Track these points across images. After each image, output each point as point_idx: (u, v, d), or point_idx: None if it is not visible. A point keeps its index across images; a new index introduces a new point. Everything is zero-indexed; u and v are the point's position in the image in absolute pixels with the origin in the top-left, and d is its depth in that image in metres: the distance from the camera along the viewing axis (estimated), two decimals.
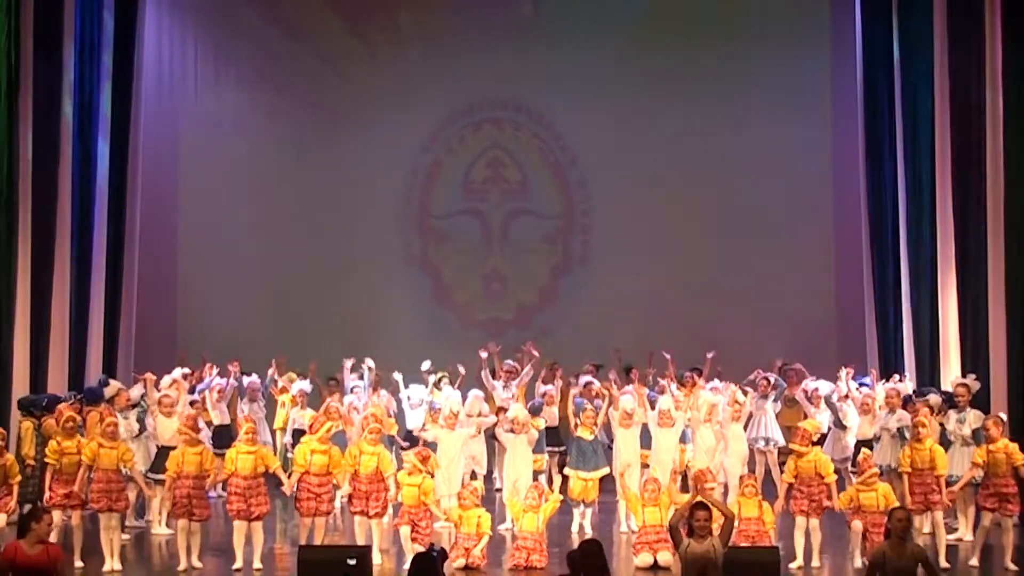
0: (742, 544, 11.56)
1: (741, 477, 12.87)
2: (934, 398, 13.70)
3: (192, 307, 19.63)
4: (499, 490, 13.10)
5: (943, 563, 11.85)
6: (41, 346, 14.88)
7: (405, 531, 12.24)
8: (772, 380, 15.42)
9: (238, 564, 12.01)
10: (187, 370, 15.92)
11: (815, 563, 12.14)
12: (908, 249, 16.76)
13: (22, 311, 14.31)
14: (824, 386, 15.39)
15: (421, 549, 11.38)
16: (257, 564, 12.05)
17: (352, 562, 9.62)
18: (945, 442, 13.08)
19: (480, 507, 12.31)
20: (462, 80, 19.92)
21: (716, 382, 14.86)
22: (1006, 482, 12.03)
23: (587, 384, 15.54)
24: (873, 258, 17.98)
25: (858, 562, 11.89)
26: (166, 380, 15.13)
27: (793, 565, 12.01)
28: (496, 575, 12.12)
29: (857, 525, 11.93)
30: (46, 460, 12.26)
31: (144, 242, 18.51)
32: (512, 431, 13.72)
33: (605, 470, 13.77)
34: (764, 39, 19.46)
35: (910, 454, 12.28)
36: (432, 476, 12.62)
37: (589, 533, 13.49)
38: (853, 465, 13.35)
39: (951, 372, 15.28)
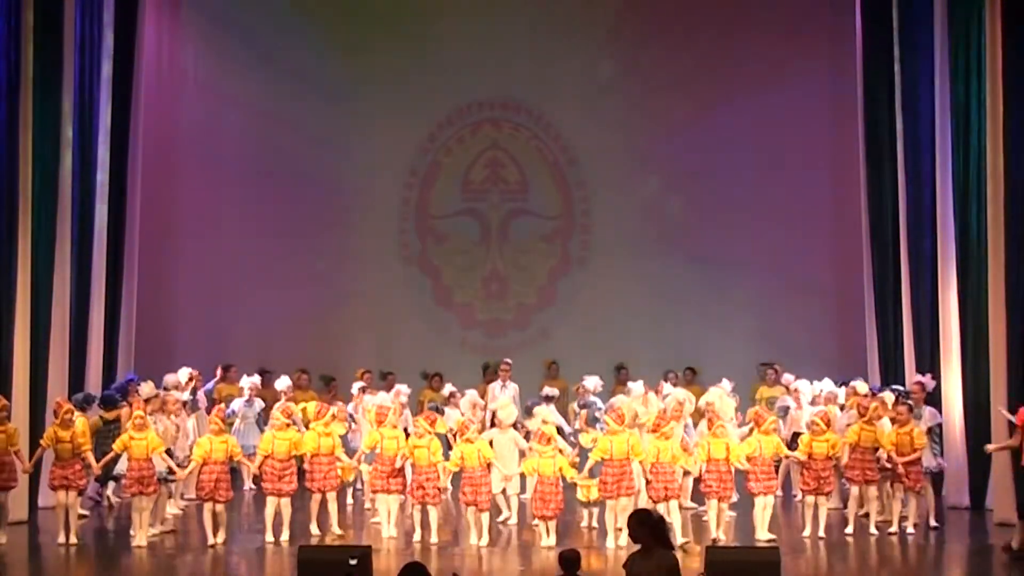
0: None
1: (709, 419, 13.80)
2: (888, 395, 14.42)
3: (192, 307, 19.63)
4: None
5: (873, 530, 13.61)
6: (41, 346, 14.85)
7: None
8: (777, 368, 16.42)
9: (269, 537, 13.24)
10: (194, 371, 16.08)
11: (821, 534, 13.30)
12: (908, 249, 16.74)
13: (22, 311, 14.30)
14: (804, 386, 15.71)
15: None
16: (285, 536, 13.30)
17: (353, 562, 9.60)
18: None
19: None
20: (461, 80, 19.93)
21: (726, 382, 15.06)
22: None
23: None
24: (873, 258, 17.98)
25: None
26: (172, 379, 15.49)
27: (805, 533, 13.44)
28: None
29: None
30: (40, 443, 13.49)
31: (144, 242, 18.48)
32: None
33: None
34: (763, 39, 19.48)
35: (857, 432, 13.73)
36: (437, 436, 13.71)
37: (596, 527, 13.83)
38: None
39: (952, 372, 15.29)
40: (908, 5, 16.97)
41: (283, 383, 16.22)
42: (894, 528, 13.62)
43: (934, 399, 15.07)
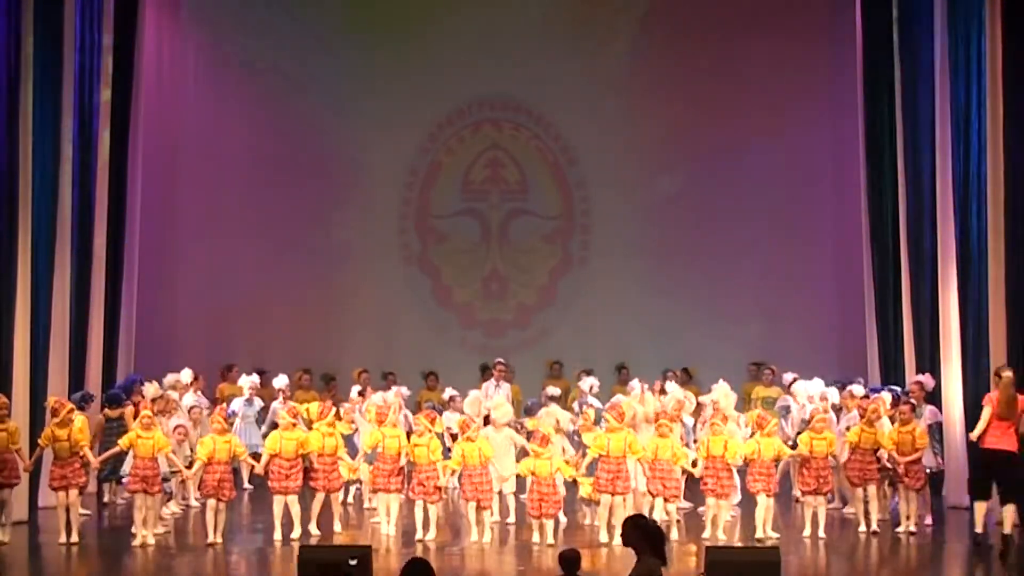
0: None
1: (714, 413, 13.94)
2: (886, 395, 14.48)
3: (192, 307, 19.63)
4: None
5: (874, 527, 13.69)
6: (41, 346, 14.86)
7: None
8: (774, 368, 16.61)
9: (278, 536, 13.29)
10: (196, 374, 16.19)
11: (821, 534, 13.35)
12: (908, 249, 16.75)
13: (22, 311, 14.29)
14: (800, 386, 15.84)
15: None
16: (296, 533, 13.35)
17: (353, 562, 9.59)
18: None
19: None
20: (461, 80, 19.94)
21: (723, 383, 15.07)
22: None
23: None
24: (873, 258, 17.99)
25: None
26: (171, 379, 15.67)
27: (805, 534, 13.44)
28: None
29: None
30: (38, 442, 13.50)
31: (144, 242, 18.48)
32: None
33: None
34: (763, 38, 19.49)
35: (858, 433, 13.73)
36: (439, 436, 14.00)
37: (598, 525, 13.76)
38: None
39: (952, 372, 15.29)
40: (908, 5, 16.98)
41: (281, 381, 16.32)
42: (902, 528, 13.60)
43: (934, 399, 15.08)
